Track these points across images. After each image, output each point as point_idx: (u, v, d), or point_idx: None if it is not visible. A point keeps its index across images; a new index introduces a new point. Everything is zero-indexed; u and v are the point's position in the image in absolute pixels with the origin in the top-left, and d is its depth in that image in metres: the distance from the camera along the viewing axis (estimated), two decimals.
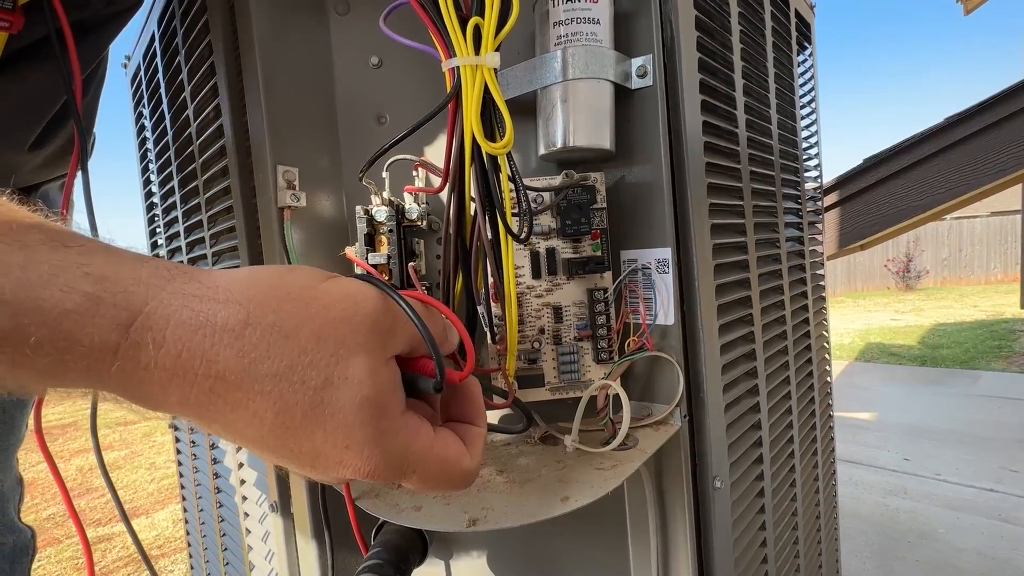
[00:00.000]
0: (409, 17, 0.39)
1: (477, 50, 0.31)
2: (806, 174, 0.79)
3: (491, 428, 0.45)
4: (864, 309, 7.16)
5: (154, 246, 0.78)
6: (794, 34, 0.75)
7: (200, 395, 0.20)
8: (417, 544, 0.41)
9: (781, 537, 0.61)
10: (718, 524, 0.46)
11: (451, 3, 0.31)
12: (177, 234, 0.65)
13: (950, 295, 7.75)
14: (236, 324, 0.20)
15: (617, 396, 0.42)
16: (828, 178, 1.77)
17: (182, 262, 0.65)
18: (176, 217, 0.64)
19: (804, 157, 0.78)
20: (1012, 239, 8.53)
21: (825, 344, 0.85)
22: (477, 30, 0.31)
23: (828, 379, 0.87)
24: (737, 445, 0.51)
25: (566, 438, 0.42)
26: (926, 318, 5.95)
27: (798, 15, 0.76)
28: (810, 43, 0.84)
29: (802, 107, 0.80)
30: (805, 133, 0.81)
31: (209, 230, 0.55)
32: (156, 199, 0.74)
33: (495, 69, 0.32)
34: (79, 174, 0.42)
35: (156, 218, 0.76)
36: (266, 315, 0.21)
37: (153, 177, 0.74)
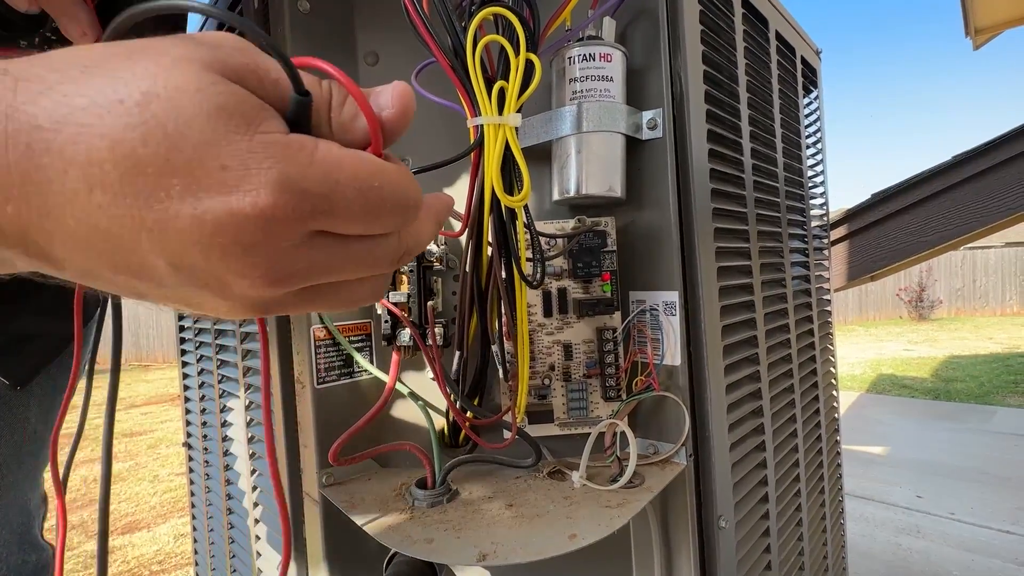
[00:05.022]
0: (437, 71, 0.41)
1: (501, 110, 0.34)
2: (812, 212, 0.81)
3: (501, 462, 0.46)
4: (876, 338, 7.07)
5: None
6: (800, 80, 0.77)
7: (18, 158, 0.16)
8: (428, 575, 0.42)
9: None
10: (723, 564, 0.47)
11: (478, 67, 0.34)
12: None
13: (964, 326, 7.63)
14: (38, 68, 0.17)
15: (624, 434, 0.43)
16: (837, 210, 1.78)
17: None
18: None
19: (810, 197, 0.80)
20: None
21: (832, 380, 0.86)
22: (502, 92, 0.34)
23: (836, 415, 0.87)
24: (742, 484, 0.51)
25: (573, 474, 0.43)
26: (940, 349, 5.86)
27: (804, 62, 0.79)
28: (816, 87, 0.86)
29: (808, 147, 0.82)
30: (811, 173, 0.83)
31: None
32: None
33: (516, 128, 0.35)
34: None
35: None
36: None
37: None
